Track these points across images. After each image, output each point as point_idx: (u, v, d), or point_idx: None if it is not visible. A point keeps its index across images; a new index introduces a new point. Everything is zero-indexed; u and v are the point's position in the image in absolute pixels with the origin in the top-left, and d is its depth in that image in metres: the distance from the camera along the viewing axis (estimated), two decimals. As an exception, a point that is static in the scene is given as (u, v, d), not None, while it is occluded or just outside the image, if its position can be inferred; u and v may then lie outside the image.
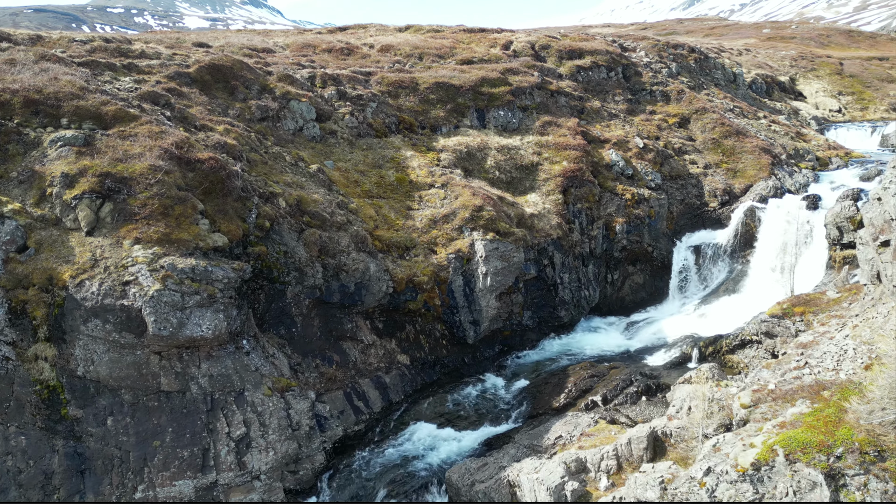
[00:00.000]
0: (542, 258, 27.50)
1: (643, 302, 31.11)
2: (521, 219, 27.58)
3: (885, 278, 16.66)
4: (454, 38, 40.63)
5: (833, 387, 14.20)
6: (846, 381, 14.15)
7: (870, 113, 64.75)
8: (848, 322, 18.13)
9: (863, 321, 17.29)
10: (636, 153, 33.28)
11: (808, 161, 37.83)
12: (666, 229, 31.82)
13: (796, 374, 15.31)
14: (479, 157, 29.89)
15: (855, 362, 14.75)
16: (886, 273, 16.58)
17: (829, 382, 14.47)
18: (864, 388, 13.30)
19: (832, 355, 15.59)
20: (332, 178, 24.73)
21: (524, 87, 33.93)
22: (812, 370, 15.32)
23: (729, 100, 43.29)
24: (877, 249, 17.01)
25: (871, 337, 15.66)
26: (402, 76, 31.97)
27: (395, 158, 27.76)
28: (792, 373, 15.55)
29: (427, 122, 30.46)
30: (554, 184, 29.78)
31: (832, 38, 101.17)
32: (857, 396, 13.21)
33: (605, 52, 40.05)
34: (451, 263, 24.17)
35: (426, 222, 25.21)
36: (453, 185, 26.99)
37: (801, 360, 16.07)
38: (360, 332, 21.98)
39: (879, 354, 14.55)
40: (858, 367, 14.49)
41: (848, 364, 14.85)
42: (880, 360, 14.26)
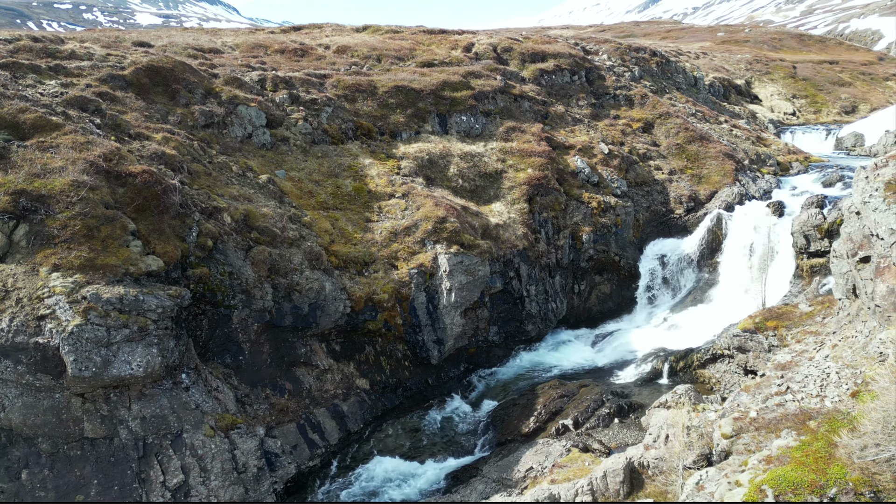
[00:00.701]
0: (508, 270, 26.37)
1: (611, 312, 30.31)
2: (486, 229, 26.39)
3: (865, 296, 16.03)
4: (414, 39, 39.22)
5: (819, 416, 13.38)
6: (833, 411, 13.35)
7: (822, 116, 66.06)
8: (826, 341, 17.49)
9: (842, 340, 16.64)
10: (601, 159, 32.51)
11: (769, 166, 37.81)
12: (632, 238, 31.11)
13: (779, 401, 14.48)
14: (442, 165, 28.58)
15: (840, 388, 13.98)
16: (866, 290, 15.94)
17: (814, 411, 13.65)
18: (855, 419, 12.48)
19: (815, 379, 14.82)
20: (284, 189, 23.04)
21: (487, 92, 32.78)
22: (795, 396, 14.51)
23: (691, 104, 43.09)
24: (855, 265, 16.38)
25: (854, 359, 14.96)
26: (360, 79, 30.41)
27: (353, 166, 26.21)
28: (774, 399, 14.72)
29: (386, 127, 28.99)
30: (519, 192, 28.70)
31: (784, 41, 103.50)
32: (848, 429, 12.38)
33: (568, 55, 39.27)
34: (413, 279, 22.78)
35: (386, 235, 23.76)
36: (415, 194, 25.60)
37: (782, 383, 15.26)
38: (315, 357, 20.39)
39: (866, 380, 13.81)
40: (844, 394, 13.72)
41: (832, 390, 14.08)
42: (867, 386, 13.51)
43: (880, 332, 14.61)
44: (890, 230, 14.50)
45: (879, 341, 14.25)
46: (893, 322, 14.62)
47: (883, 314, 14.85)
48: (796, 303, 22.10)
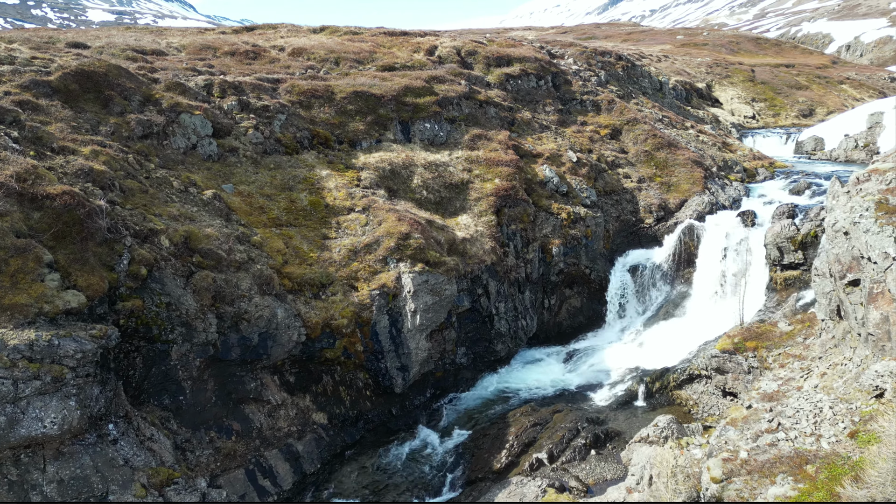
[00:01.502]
0: (476, 287, 24.97)
1: (581, 327, 29.22)
2: (453, 244, 24.92)
3: (855, 321, 15.13)
4: (374, 41, 37.51)
5: (817, 460, 12.33)
6: (831, 454, 12.32)
7: (781, 119, 66.79)
8: (812, 367, 16.58)
9: (830, 368, 15.73)
10: (570, 168, 31.41)
11: (736, 173, 37.40)
12: (603, 249, 30.09)
13: (771, 440, 13.40)
14: (405, 176, 26.99)
15: (836, 426, 12.98)
16: (856, 315, 15.04)
17: (811, 454, 12.60)
18: (857, 466, 11.46)
19: (807, 415, 13.81)
20: (232, 206, 21.12)
21: (451, 98, 31.33)
22: (787, 434, 13.46)
23: (657, 109, 42.51)
24: (843, 288, 15.48)
25: (847, 391, 14.01)
26: (316, 84, 28.58)
27: (309, 178, 24.41)
28: (765, 437, 13.66)
29: (345, 136, 27.24)
30: (486, 203, 27.33)
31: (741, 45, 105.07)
32: (851, 477, 11.35)
33: (534, 59, 38.13)
34: (374, 301, 21.14)
35: (345, 253, 22.06)
36: (376, 208, 23.96)
37: (772, 419, 14.22)
38: (266, 391, 18.57)
39: (863, 417, 12.83)
40: (841, 434, 12.71)
41: (828, 428, 13.07)
42: (866, 425, 12.53)
43: (875, 363, 13.68)
44: (884, 254, 13.58)
45: (875, 373, 13.30)
46: (888, 352, 13.71)
47: (877, 343, 13.94)
48: (775, 321, 21.29)
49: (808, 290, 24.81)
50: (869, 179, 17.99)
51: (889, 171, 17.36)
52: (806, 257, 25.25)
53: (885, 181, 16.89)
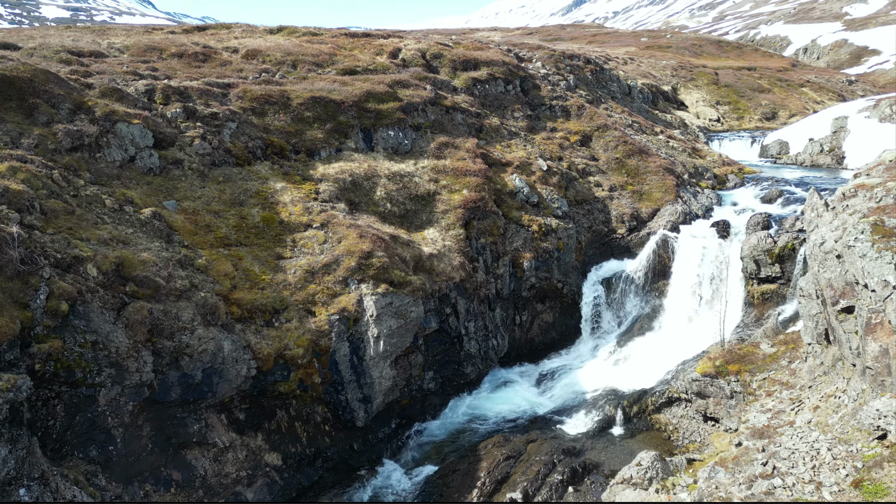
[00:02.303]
0: (444, 306, 23.48)
1: (554, 344, 28.01)
2: (419, 261, 23.39)
3: (849, 351, 14.12)
4: (334, 43, 35.69)
5: (820, 514, 11.22)
6: (835, 507, 11.22)
7: (745, 122, 67.09)
8: (803, 399, 15.56)
9: (823, 400, 14.71)
10: (540, 177, 30.19)
11: (707, 179, 36.77)
12: (575, 262, 28.94)
13: (766, 488, 12.24)
14: (367, 187, 25.34)
15: (837, 473, 11.88)
16: (850, 345, 14.03)
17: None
18: (867, 526, 10.37)
19: (804, 457, 12.71)
20: (174, 225, 19.17)
21: (416, 103, 29.77)
22: (784, 481, 12.33)
23: (627, 114, 41.73)
24: (836, 315, 14.47)
25: (844, 430, 12.96)
26: (271, 89, 26.68)
27: (262, 192, 22.56)
28: (760, 483, 12.50)
29: (302, 145, 25.44)
30: (454, 216, 25.87)
31: (704, 47, 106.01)
32: (860, 538, 10.26)
33: (502, 62, 36.85)
34: (333, 327, 19.45)
35: (301, 275, 20.30)
36: (336, 224, 22.25)
37: (766, 460, 13.09)
38: (211, 433, 16.74)
39: (866, 462, 11.77)
40: (844, 482, 11.61)
41: (828, 475, 11.97)
42: (870, 473, 11.46)
43: (874, 400, 12.67)
44: (883, 282, 12.57)
45: (876, 412, 12.27)
46: (889, 387, 12.71)
47: (875, 378, 12.93)
48: (757, 341, 20.34)
49: (786, 305, 24.08)
50: (855, 195, 17.11)
51: (877, 188, 16.48)
52: (783, 271, 24.51)
53: (873, 198, 15.99)
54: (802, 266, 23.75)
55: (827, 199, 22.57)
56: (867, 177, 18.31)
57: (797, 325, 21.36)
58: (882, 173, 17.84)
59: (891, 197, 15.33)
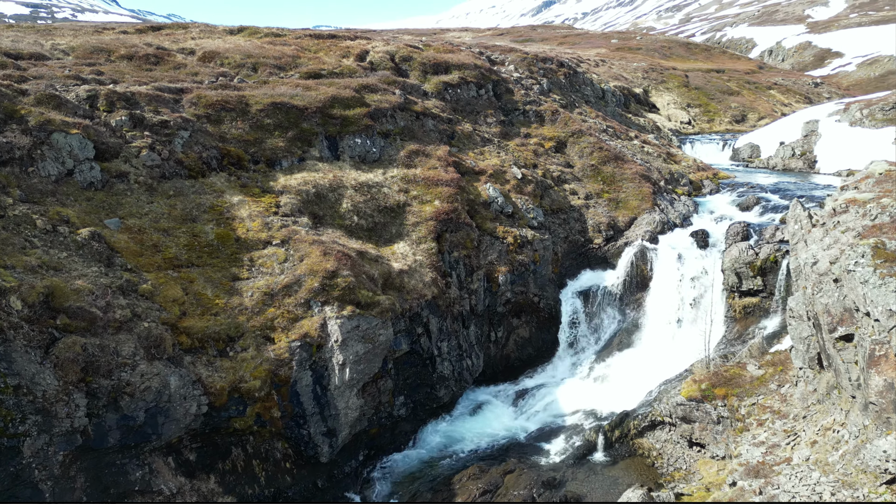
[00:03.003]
0: (416, 326, 22.11)
1: (531, 360, 26.84)
2: (388, 279, 21.97)
3: (849, 382, 13.18)
4: (298, 44, 34.01)
5: (829, 573, 10.21)
6: (846, 565, 10.22)
7: (716, 125, 67.23)
8: (798, 430, 14.61)
9: (820, 434, 13.76)
10: (514, 185, 29.01)
11: (683, 186, 36.08)
12: (552, 274, 27.82)
13: (768, 539, 11.22)
14: (332, 200, 23.82)
15: (844, 524, 10.90)
16: (850, 376, 13.10)
17: (820, 563, 10.48)
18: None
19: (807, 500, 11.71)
20: (116, 246, 17.43)
21: (385, 109, 28.32)
22: (786, 530, 11.32)
23: (601, 119, 40.89)
24: (834, 343, 13.53)
25: (847, 471, 12.00)
26: (228, 94, 24.96)
27: (217, 207, 20.88)
28: (760, 533, 11.49)
29: (261, 154, 23.79)
30: (426, 229, 24.52)
31: (673, 49, 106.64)
32: None
33: (474, 66, 35.61)
34: (294, 355, 17.93)
35: (259, 297, 18.72)
36: (297, 241, 20.70)
37: None
38: (157, 479, 15.10)
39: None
40: (853, 535, 10.64)
41: (834, 525, 10.98)
42: (881, 525, 10.50)
43: (879, 439, 11.73)
44: (888, 311, 11.63)
45: (883, 454, 11.32)
46: (894, 426, 11.78)
47: (880, 415, 11.99)
48: (743, 362, 19.44)
49: (769, 319, 23.34)
50: (847, 211, 16.26)
51: (870, 203, 15.64)
52: (765, 283, 23.76)
53: (867, 215, 15.13)
54: (785, 279, 23.03)
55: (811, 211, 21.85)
56: (856, 190, 17.53)
57: (783, 343, 20.59)
58: (872, 187, 17.07)
59: (887, 215, 14.48)
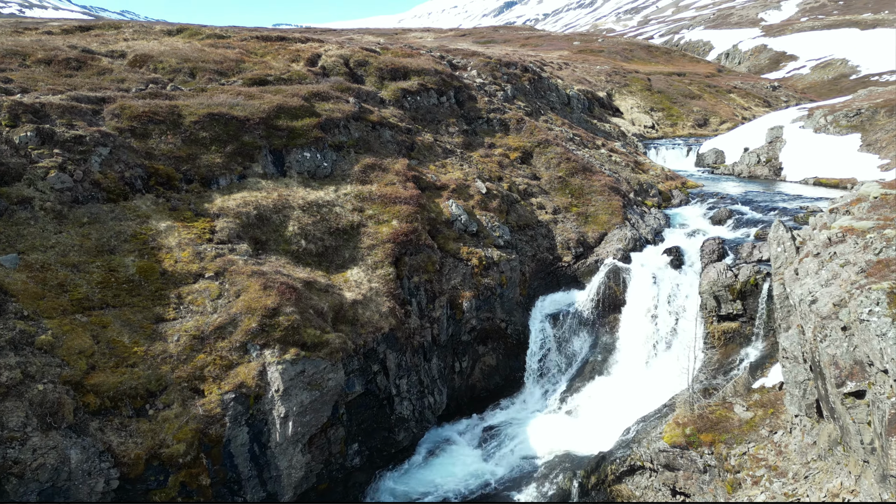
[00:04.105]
0: (371, 364, 19.92)
1: (498, 390, 24.92)
2: (340, 311, 19.72)
3: (860, 446, 11.55)
4: (243, 47, 31.35)
5: None
6: None
7: (679, 129, 66.90)
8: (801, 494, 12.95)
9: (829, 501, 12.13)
10: (479, 201, 27.05)
11: (652, 197, 34.76)
12: (519, 297, 25.94)
13: None
14: (277, 222, 21.41)
15: None
16: (862, 439, 11.46)
17: None
18: None
19: None
20: (11, 288, 14.74)
21: (337, 119, 25.99)
22: None
23: (568, 126, 39.34)
24: (842, 399, 11.90)
25: (867, 557, 10.36)
26: (158, 104, 22.29)
27: (140, 235, 18.27)
28: None
29: (195, 172, 21.21)
30: (382, 252, 22.32)
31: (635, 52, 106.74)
32: None
33: (434, 71, 33.52)
34: (228, 410, 15.55)
35: (187, 342, 16.26)
36: (234, 272, 18.27)
37: None
38: (56, 576, 12.54)
39: None
40: None
41: None
42: None
43: (903, 520, 10.11)
44: (913, 373, 10.02)
45: (911, 542, 9.70)
46: (920, 505, 10.17)
47: (903, 491, 10.38)
48: (729, 402, 17.84)
49: (750, 346, 21.91)
50: (844, 241, 14.73)
51: (871, 233, 14.11)
52: (745, 307, 22.33)
53: (869, 247, 13.58)
54: (767, 304, 21.65)
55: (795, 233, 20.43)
56: (850, 216, 16.08)
57: (769, 377, 19.12)
58: (868, 213, 15.63)
59: (893, 249, 12.96)
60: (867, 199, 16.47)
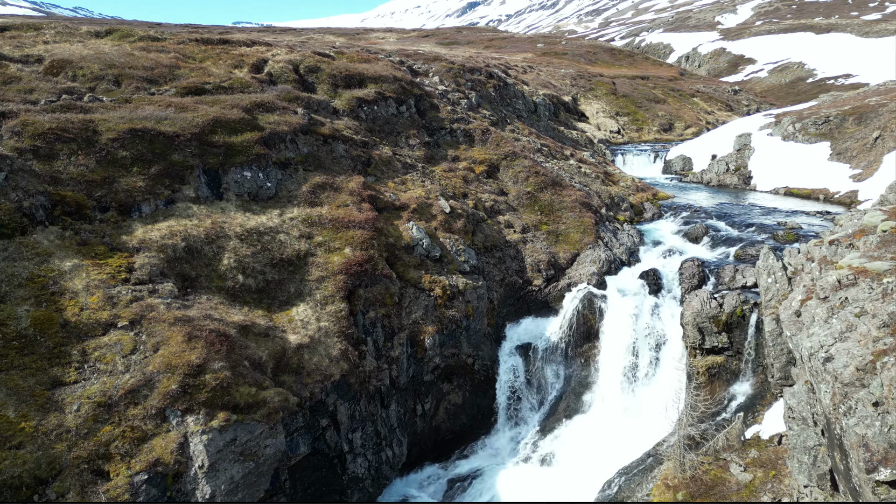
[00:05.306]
0: (320, 418, 17.39)
1: (465, 433, 22.64)
2: (282, 359, 17.13)
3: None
4: (180, 51, 28.32)
5: None
6: None
7: (644, 134, 66.03)
8: None
9: None
10: (442, 221, 24.74)
11: (624, 211, 33.03)
12: (487, 328, 23.72)
13: None
14: (210, 254, 18.67)
15: None
16: (900, 540, 9.56)
17: None
18: None
19: None
20: None
21: (283, 133, 23.32)
22: None
23: (535, 136, 37.36)
24: (873, 487, 9.98)
25: None
26: (70, 118, 19.29)
27: (39, 278, 15.36)
28: None
29: (112, 198, 18.30)
30: (333, 285, 19.79)
31: (598, 55, 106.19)
32: None
33: (393, 78, 31.04)
34: (138, 495, 12.85)
35: (90, 411, 13.48)
36: (154, 320, 15.50)
37: None
38: None
39: None
40: None
41: None
42: None
43: None
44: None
45: None
46: None
47: None
48: (724, 459, 15.92)
49: (738, 384, 20.18)
50: (856, 284, 12.89)
51: (888, 277, 12.29)
52: (731, 341, 20.59)
53: (890, 297, 11.73)
54: (755, 338, 19.93)
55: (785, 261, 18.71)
56: (858, 253, 14.28)
57: (763, 424, 17.33)
58: (878, 250, 13.86)
59: (921, 301, 11.14)
60: (873, 232, 14.74)
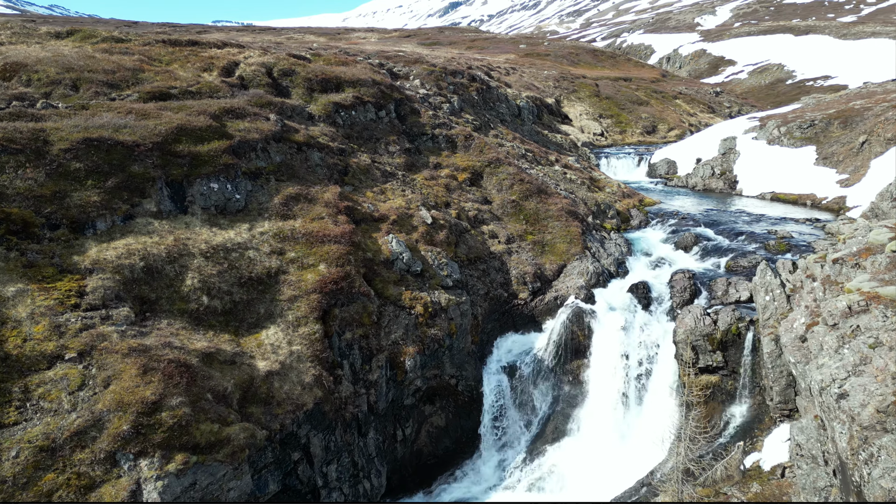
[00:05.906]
0: (291, 451, 16.12)
1: (449, 458, 21.47)
2: (250, 389, 15.84)
3: None
4: (145, 53, 26.78)
5: None
6: None
7: (628, 136, 65.56)
8: None
9: None
10: (423, 233, 23.56)
11: (611, 219, 32.11)
12: (471, 347, 22.58)
13: None
14: (172, 274, 17.29)
15: None
16: None
17: None
18: None
19: None
20: None
21: (254, 141, 21.98)
22: None
23: (519, 141, 36.34)
24: (899, 547, 9.02)
25: None
26: (18, 127, 17.79)
27: (-23, 306, 13.90)
28: None
29: (64, 215, 16.85)
30: (307, 305, 18.51)
31: (581, 56, 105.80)
32: None
33: (372, 81, 29.77)
34: (85, 553, 11.50)
35: (30, 457, 12.10)
36: (105, 351, 14.13)
37: None
38: None
39: None
40: None
41: None
42: None
43: None
44: None
45: None
46: None
47: None
48: (724, 492, 14.95)
49: (735, 406, 19.28)
50: (868, 311, 11.95)
51: (903, 306, 11.35)
52: (726, 359, 19.69)
53: (908, 328, 10.79)
54: (751, 357, 19.05)
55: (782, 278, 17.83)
56: (867, 275, 13.37)
57: (763, 453, 16.39)
58: (888, 271, 12.95)
59: (944, 335, 10.21)
60: (881, 252, 13.85)
